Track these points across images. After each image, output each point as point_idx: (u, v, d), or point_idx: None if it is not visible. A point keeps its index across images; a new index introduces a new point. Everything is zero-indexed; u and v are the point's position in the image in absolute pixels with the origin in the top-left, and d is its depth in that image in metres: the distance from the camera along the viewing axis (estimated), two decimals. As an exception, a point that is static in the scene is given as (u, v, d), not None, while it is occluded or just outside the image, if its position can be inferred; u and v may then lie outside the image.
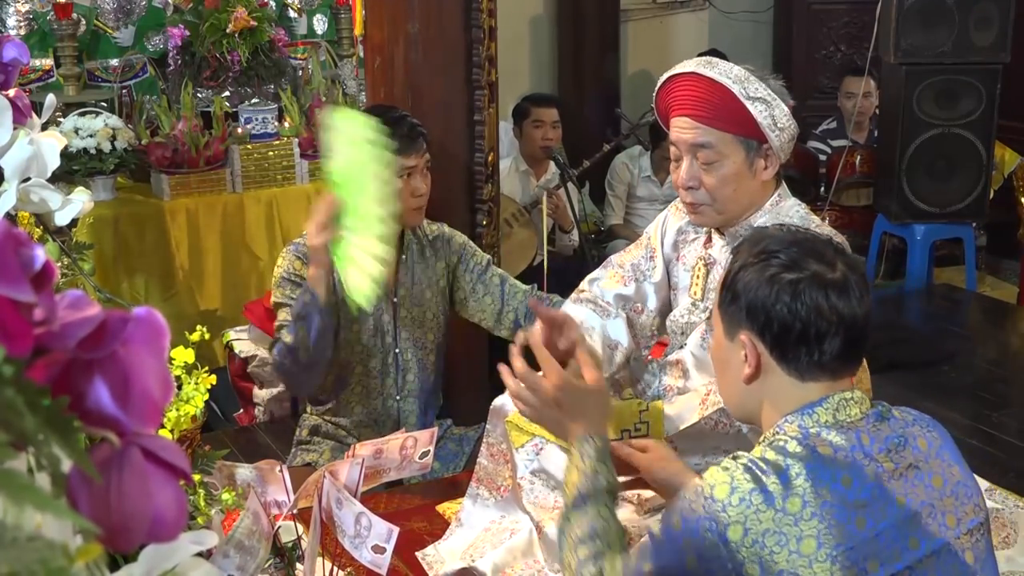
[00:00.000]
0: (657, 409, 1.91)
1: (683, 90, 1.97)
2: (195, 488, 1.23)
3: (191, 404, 1.36)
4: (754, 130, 1.93)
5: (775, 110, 1.92)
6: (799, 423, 1.37)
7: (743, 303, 1.39)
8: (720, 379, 1.51)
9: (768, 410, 1.43)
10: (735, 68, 1.94)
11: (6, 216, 1.06)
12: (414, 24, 2.98)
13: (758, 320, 1.38)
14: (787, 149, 1.98)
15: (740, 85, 1.91)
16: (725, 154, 1.95)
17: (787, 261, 1.37)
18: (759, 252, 1.40)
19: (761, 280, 1.37)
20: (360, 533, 1.49)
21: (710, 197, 1.98)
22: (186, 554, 0.65)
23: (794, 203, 2.04)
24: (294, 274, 2.50)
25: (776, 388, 1.41)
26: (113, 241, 3.70)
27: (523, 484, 1.96)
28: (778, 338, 1.37)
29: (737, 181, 1.96)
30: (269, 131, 4.09)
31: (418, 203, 2.55)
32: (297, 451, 2.67)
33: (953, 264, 4.94)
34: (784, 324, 1.36)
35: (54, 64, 4.16)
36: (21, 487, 0.47)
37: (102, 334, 0.53)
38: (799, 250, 1.38)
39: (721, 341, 1.46)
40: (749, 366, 1.40)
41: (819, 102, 5.89)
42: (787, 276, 1.36)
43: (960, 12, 4.26)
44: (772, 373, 1.40)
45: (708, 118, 1.94)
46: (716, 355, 1.51)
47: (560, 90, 5.70)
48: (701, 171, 1.97)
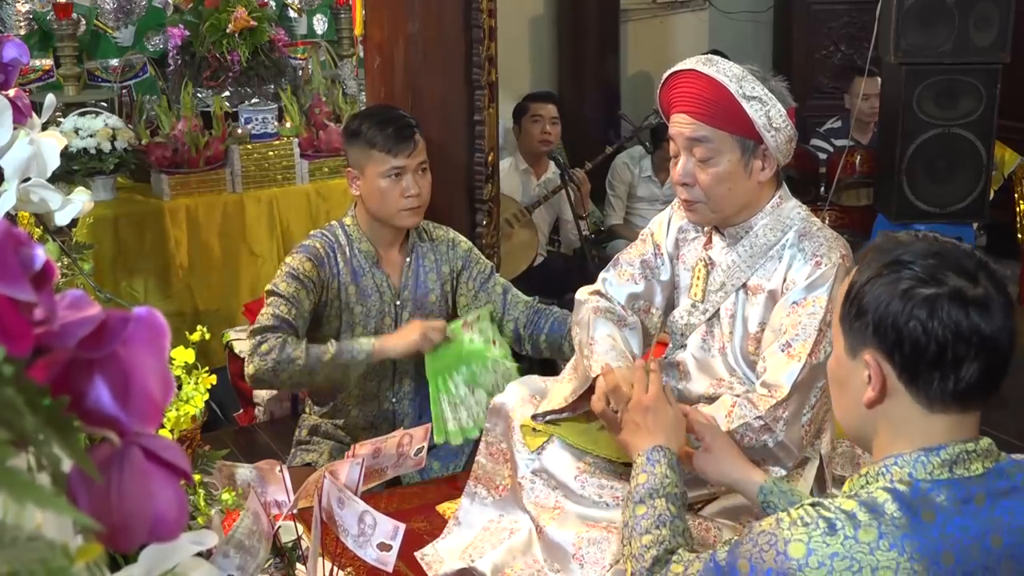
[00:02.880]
0: None
1: (683, 87, 1.97)
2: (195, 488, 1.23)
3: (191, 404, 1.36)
4: (750, 129, 1.93)
5: (771, 110, 1.92)
6: (910, 470, 1.22)
7: (870, 319, 1.24)
8: (836, 398, 1.37)
9: (883, 438, 1.28)
10: (734, 67, 1.94)
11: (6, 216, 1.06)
12: (414, 24, 2.98)
13: (887, 339, 1.22)
14: (785, 151, 1.98)
15: (737, 83, 1.91)
16: (721, 151, 1.95)
17: (923, 274, 1.22)
18: (891, 263, 1.25)
19: (893, 294, 1.22)
20: (364, 532, 1.49)
21: (704, 195, 1.99)
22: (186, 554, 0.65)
23: (795, 205, 2.03)
24: (303, 273, 2.49)
25: (898, 416, 1.25)
26: (113, 241, 3.69)
27: (524, 483, 1.96)
28: (909, 360, 1.22)
29: (732, 180, 1.97)
30: (269, 131, 4.09)
31: (409, 204, 2.54)
32: (297, 451, 2.67)
33: (953, 264, 4.93)
34: (917, 345, 1.20)
35: (54, 64, 4.16)
36: (22, 485, 0.47)
37: (102, 334, 0.53)
38: (937, 262, 1.23)
39: (841, 358, 1.31)
40: (873, 389, 1.25)
41: (819, 102, 5.88)
42: (923, 291, 1.20)
43: (960, 12, 4.25)
44: (897, 399, 1.24)
45: (705, 115, 1.94)
46: (834, 373, 1.35)
47: (560, 90, 5.70)
48: (697, 168, 1.97)
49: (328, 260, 2.55)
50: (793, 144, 2.00)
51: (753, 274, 2.02)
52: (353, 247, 2.60)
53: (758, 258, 2.01)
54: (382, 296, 2.60)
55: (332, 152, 4.09)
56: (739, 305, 2.04)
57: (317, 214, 4.05)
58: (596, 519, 1.87)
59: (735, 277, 2.03)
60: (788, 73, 6.13)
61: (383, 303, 2.60)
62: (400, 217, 2.55)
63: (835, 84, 5.81)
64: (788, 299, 1.94)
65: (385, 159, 2.51)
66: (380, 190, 2.52)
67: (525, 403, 2.05)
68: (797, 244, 1.98)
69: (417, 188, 2.54)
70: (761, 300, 2.00)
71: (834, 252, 1.95)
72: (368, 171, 2.53)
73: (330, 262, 2.56)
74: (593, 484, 1.91)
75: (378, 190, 2.52)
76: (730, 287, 2.04)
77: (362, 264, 2.59)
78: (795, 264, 1.96)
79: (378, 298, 2.60)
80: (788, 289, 1.96)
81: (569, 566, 1.83)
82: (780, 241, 2.00)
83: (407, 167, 2.52)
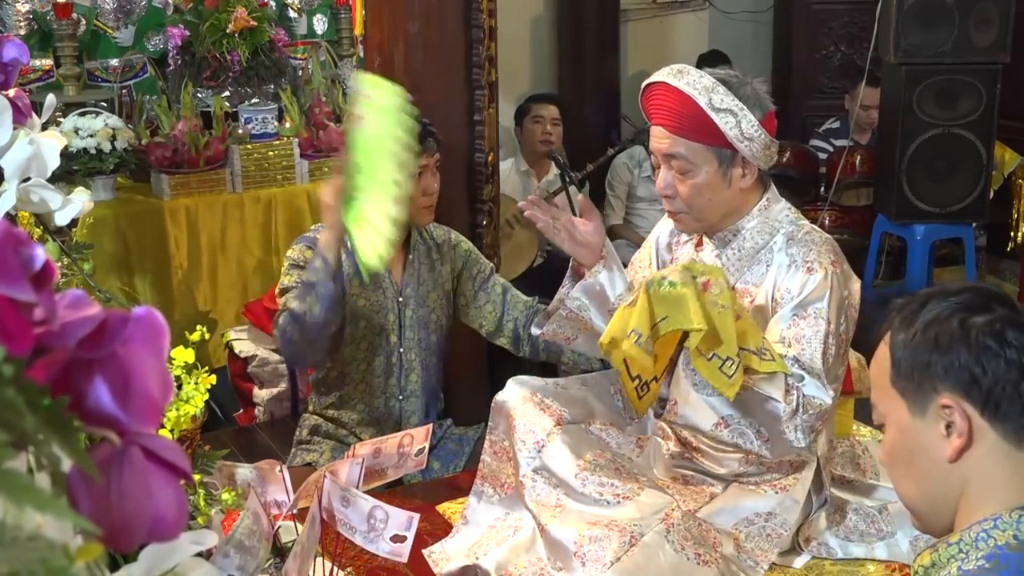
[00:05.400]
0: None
1: (656, 99, 1.98)
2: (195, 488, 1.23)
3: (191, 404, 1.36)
4: (723, 141, 1.93)
5: (742, 121, 1.91)
6: (1015, 532, 1.11)
7: (936, 363, 1.16)
8: (906, 473, 1.23)
9: (971, 495, 1.17)
10: (704, 78, 1.94)
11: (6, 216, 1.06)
12: (414, 24, 2.98)
13: (960, 377, 1.15)
14: (764, 157, 1.97)
15: (706, 96, 1.91)
16: (697, 164, 1.96)
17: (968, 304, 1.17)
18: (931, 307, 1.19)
19: (950, 331, 1.16)
20: (375, 527, 1.50)
21: (686, 205, 2.00)
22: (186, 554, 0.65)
23: (784, 207, 2.03)
24: (304, 261, 2.49)
25: (986, 461, 1.16)
26: (113, 241, 3.70)
27: (525, 482, 1.97)
28: (991, 392, 1.14)
29: (712, 191, 1.97)
30: (269, 131, 4.09)
31: (428, 202, 2.56)
32: (297, 451, 2.67)
33: (953, 264, 4.94)
34: (995, 375, 1.13)
35: (54, 64, 4.16)
36: (21, 487, 0.47)
37: (102, 334, 0.53)
38: (972, 294, 1.19)
39: (906, 425, 1.20)
40: (960, 435, 1.15)
41: (819, 102, 5.89)
42: (978, 319, 1.16)
43: (960, 12, 4.25)
44: (983, 439, 1.15)
45: (678, 128, 1.95)
46: (900, 444, 1.22)
47: (560, 90, 5.70)
48: (676, 180, 1.98)
49: None
50: (772, 149, 1.99)
51: (741, 277, 2.02)
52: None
53: (746, 261, 2.02)
54: (384, 292, 2.61)
55: (332, 152, 4.09)
56: None
57: (317, 214, 4.05)
58: (597, 517, 1.87)
59: None
60: (788, 73, 6.19)
61: (385, 299, 2.61)
62: (419, 215, 2.56)
63: (835, 84, 5.81)
64: (787, 310, 1.93)
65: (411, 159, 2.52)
66: None
67: (526, 402, 2.05)
68: (786, 249, 1.97)
69: (434, 187, 2.57)
70: (751, 307, 1.99)
71: (824, 257, 1.94)
72: None
73: None
74: (593, 482, 1.91)
75: None
76: None
77: (364, 260, 2.60)
78: (785, 271, 1.96)
79: (381, 294, 2.60)
80: (782, 298, 1.95)
81: (571, 564, 1.83)
82: (768, 244, 2.00)
83: (428, 166, 2.54)
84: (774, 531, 1.97)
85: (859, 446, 2.26)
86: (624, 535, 1.81)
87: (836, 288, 1.93)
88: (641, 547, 1.80)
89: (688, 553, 1.83)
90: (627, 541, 1.80)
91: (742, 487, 2.03)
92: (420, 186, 2.52)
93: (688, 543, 1.84)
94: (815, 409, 1.86)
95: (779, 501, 1.99)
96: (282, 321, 2.41)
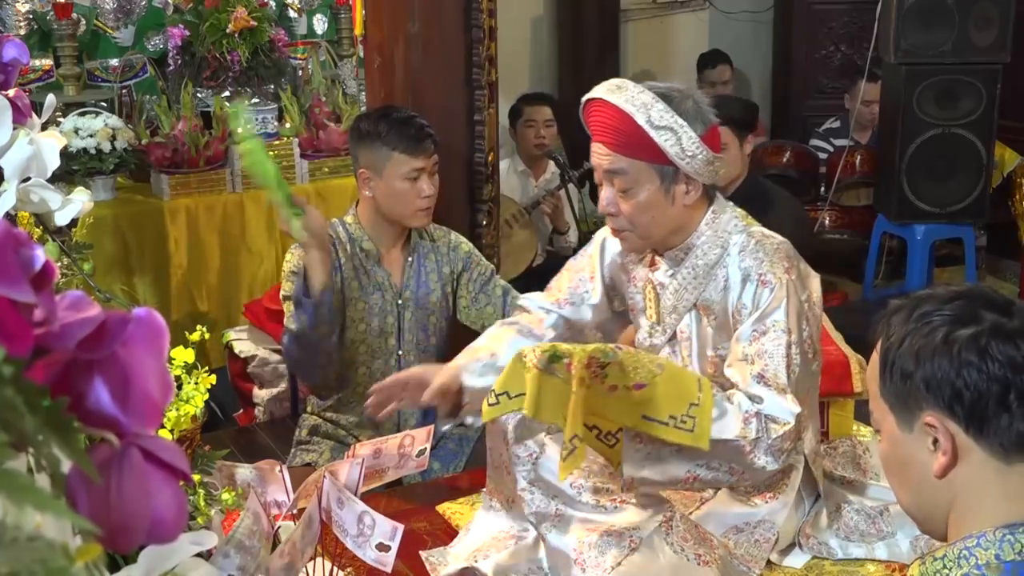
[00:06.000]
0: (708, 405, 1.81)
1: (595, 115, 1.93)
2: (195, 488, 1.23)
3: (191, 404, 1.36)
4: (664, 158, 1.89)
5: (683, 138, 1.87)
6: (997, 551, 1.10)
7: (919, 379, 1.14)
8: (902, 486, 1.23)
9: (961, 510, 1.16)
10: (643, 93, 1.88)
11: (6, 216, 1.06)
12: (414, 24, 2.98)
13: (942, 394, 1.12)
14: (707, 172, 1.92)
15: (644, 113, 1.86)
16: (639, 181, 1.92)
17: (956, 316, 1.14)
18: (917, 317, 1.16)
19: (933, 345, 1.13)
20: (363, 532, 1.49)
21: (629, 223, 1.96)
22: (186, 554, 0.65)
23: (731, 216, 1.99)
24: (302, 268, 2.49)
25: (974, 477, 1.14)
26: (113, 241, 3.69)
27: (523, 496, 1.97)
28: (973, 409, 1.11)
29: (655, 208, 1.93)
30: (269, 131, 4.09)
31: (424, 204, 2.55)
32: (297, 451, 2.67)
33: (953, 264, 4.94)
34: (977, 391, 1.11)
35: (54, 64, 4.16)
36: (21, 487, 0.47)
37: (102, 334, 0.53)
38: (964, 302, 1.15)
39: (895, 437, 1.19)
40: (944, 453, 1.13)
41: (819, 102, 5.88)
42: (964, 332, 1.12)
43: (960, 12, 4.25)
44: (969, 457, 1.13)
45: (618, 145, 1.91)
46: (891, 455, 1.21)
47: (560, 90, 5.70)
48: (618, 198, 1.94)
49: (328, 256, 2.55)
50: (716, 164, 1.93)
51: (701, 293, 1.99)
52: (355, 245, 2.60)
53: (702, 279, 1.98)
54: (384, 294, 2.61)
55: (332, 152, 4.09)
56: (693, 326, 2.01)
57: (317, 214, 4.05)
58: (596, 522, 1.86)
59: (684, 299, 2.01)
60: (788, 73, 6.19)
61: (385, 301, 2.61)
62: (415, 217, 2.56)
63: (835, 84, 5.81)
64: (746, 327, 1.90)
65: (407, 161, 2.51)
66: (398, 191, 2.52)
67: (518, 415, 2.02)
68: (739, 262, 1.93)
69: (432, 189, 2.55)
70: (714, 324, 1.97)
71: (777, 267, 1.90)
72: (387, 172, 2.52)
73: (331, 257, 2.56)
74: (589, 488, 1.90)
75: (395, 191, 2.53)
76: (682, 308, 2.02)
77: (363, 262, 2.60)
78: (741, 286, 1.92)
79: (380, 296, 2.61)
80: (740, 312, 1.92)
81: (571, 571, 1.83)
82: (722, 259, 1.96)
83: (425, 168, 2.53)
84: (763, 536, 1.97)
85: (860, 446, 2.26)
86: (623, 540, 1.81)
87: (793, 295, 1.89)
88: (641, 550, 1.80)
89: (688, 554, 1.83)
90: (626, 546, 1.80)
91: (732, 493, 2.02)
92: (415, 189, 2.52)
93: (688, 544, 1.84)
94: (780, 429, 1.82)
95: (768, 509, 1.99)
96: (285, 341, 2.45)
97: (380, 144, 2.53)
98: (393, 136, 2.52)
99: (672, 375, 1.77)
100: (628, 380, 1.73)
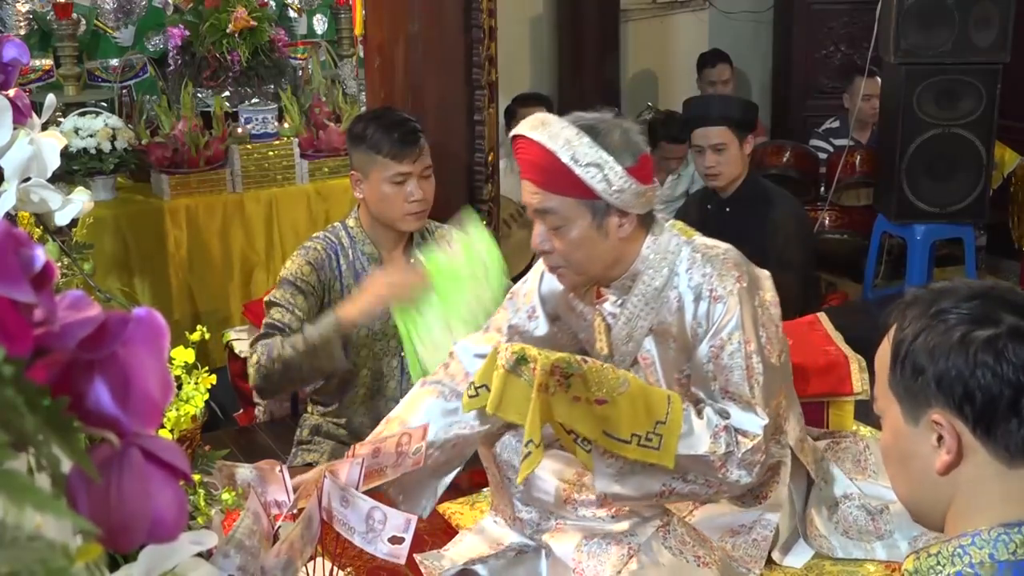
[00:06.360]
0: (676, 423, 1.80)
1: (521, 153, 1.88)
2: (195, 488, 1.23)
3: (191, 404, 1.36)
4: (592, 194, 1.83)
5: (609, 173, 1.80)
6: (991, 551, 1.10)
7: (931, 377, 1.13)
8: (901, 477, 1.23)
9: (959, 507, 1.16)
10: (566, 129, 1.82)
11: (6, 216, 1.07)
12: (414, 24, 2.99)
13: (954, 393, 1.12)
14: (639, 204, 1.86)
15: (568, 150, 1.80)
16: (570, 218, 1.85)
17: (975, 315, 1.13)
18: (935, 313, 1.15)
19: (950, 344, 1.12)
20: (374, 527, 1.50)
21: (564, 260, 1.91)
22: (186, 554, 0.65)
23: (671, 235, 1.93)
24: (300, 279, 2.48)
25: (976, 478, 1.14)
26: (113, 241, 3.70)
27: (522, 516, 1.97)
28: (983, 412, 1.11)
29: (588, 244, 1.88)
30: (269, 131, 4.09)
31: (412, 208, 2.52)
32: (297, 451, 2.67)
33: (953, 264, 4.94)
34: (989, 392, 1.10)
35: (54, 64, 4.16)
36: (21, 487, 0.47)
37: (102, 334, 0.53)
38: (982, 302, 1.14)
39: (899, 429, 1.18)
40: (948, 452, 1.13)
41: (819, 102, 5.88)
42: (981, 334, 1.11)
43: (960, 12, 4.25)
44: (973, 458, 1.13)
45: (545, 183, 1.84)
46: (893, 447, 1.22)
47: (560, 90, 5.70)
48: (551, 235, 1.89)
49: (329, 263, 2.55)
50: (648, 195, 1.87)
51: (655, 318, 1.94)
52: (356, 249, 2.59)
53: (654, 303, 1.93)
54: (385, 298, 2.60)
55: (332, 152, 4.09)
56: (655, 350, 1.97)
57: (317, 214, 4.05)
58: (594, 531, 1.86)
59: (639, 327, 1.96)
60: (788, 73, 6.19)
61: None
62: (404, 221, 2.54)
63: (835, 84, 5.81)
64: (704, 345, 1.87)
65: (390, 165, 2.50)
66: (384, 195, 2.51)
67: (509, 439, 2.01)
68: (688, 281, 1.89)
69: (421, 193, 2.52)
70: (674, 346, 1.93)
71: (727, 279, 1.86)
72: (372, 176, 2.52)
73: (331, 264, 2.55)
74: (584, 502, 1.89)
75: (382, 195, 2.52)
76: (638, 336, 1.97)
77: (365, 266, 2.59)
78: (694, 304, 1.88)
79: (381, 299, 2.60)
80: (697, 330, 1.88)
81: None
82: (670, 280, 1.91)
83: (412, 173, 2.51)
84: (760, 535, 1.97)
85: (861, 442, 2.26)
86: (621, 547, 1.81)
87: (746, 304, 1.86)
88: (639, 556, 1.80)
89: (687, 556, 1.83)
90: (625, 552, 1.80)
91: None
92: (402, 193, 2.50)
93: (686, 546, 1.84)
94: (750, 442, 1.81)
95: (762, 508, 1.99)
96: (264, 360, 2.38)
97: (366, 147, 2.53)
98: (378, 139, 2.50)
99: (637, 393, 1.77)
100: (590, 394, 1.73)
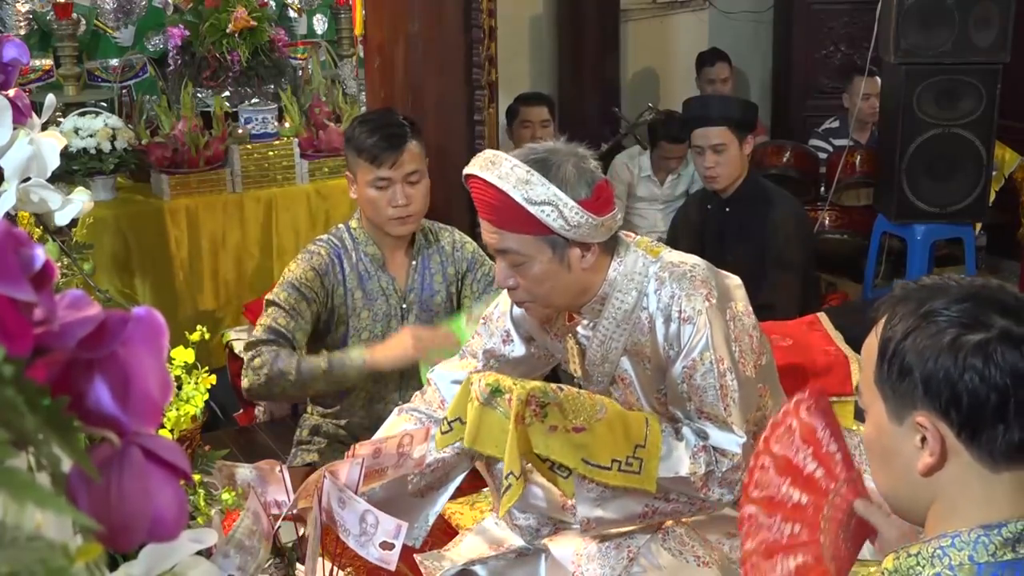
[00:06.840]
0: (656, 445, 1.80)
1: (475, 193, 1.86)
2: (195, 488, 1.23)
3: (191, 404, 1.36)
4: (549, 231, 1.80)
5: (564, 210, 1.77)
6: (971, 552, 1.09)
7: (918, 378, 1.11)
8: (882, 471, 1.21)
9: (940, 509, 1.15)
10: (517, 168, 1.79)
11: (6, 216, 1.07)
12: (414, 24, 2.99)
13: (940, 396, 1.10)
14: (598, 234, 1.82)
15: (521, 190, 1.77)
16: (530, 255, 1.83)
17: (966, 318, 1.11)
18: (925, 313, 1.13)
19: (939, 347, 1.10)
20: (366, 531, 1.49)
21: (529, 295, 1.89)
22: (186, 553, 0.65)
23: (637, 256, 1.91)
24: (303, 284, 2.48)
25: (959, 481, 1.13)
26: (113, 241, 3.70)
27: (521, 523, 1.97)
28: (969, 415, 1.10)
29: (551, 278, 1.85)
30: (269, 131, 4.09)
31: (396, 214, 2.50)
32: (297, 451, 2.67)
33: (953, 264, 4.94)
34: (976, 397, 1.09)
35: (54, 64, 4.16)
36: (22, 484, 0.47)
37: (102, 334, 0.53)
38: (974, 304, 1.12)
39: (883, 426, 1.17)
40: (932, 454, 1.12)
41: (819, 102, 5.88)
42: (971, 337, 1.09)
43: (960, 12, 4.25)
44: (956, 461, 1.12)
45: (502, 222, 1.82)
46: (876, 441, 1.20)
47: (560, 90, 5.70)
48: (514, 272, 1.86)
49: (332, 267, 2.54)
50: (608, 224, 1.83)
51: (628, 339, 1.92)
52: (359, 251, 2.59)
53: (625, 324, 1.90)
54: (388, 299, 2.60)
55: (332, 152, 4.09)
56: (631, 369, 1.95)
57: (317, 214, 4.05)
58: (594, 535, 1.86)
59: (613, 348, 1.94)
60: (788, 73, 6.19)
61: (389, 306, 2.60)
62: (390, 225, 2.53)
63: (835, 84, 5.81)
64: (678, 366, 1.85)
65: (370, 169, 2.48)
66: (370, 199, 2.51)
67: None
68: (657, 302, 1.86)
69: (405, 199, 2.49)
70: (650, 366, 1.92)
71: (695, 298, 1.84)
72: (359, 178, 2.52)
73: (334, 268, 2.55)
74: None
75: (368, 198, 2.51)
76: (613, 356, 1.95)
77: (368, 268, 2.58)
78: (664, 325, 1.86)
79: (384, 301, 2.59)
80: (669, 351, 1.86)
81: None
82: (639, 301, 1.89)
83: (393, 178, 2.48)
84: None
85: (856, 436, 2.26)
86: (621, 550, 1.81)
87: (716, 321, 1.84)
88: (639, 559, 1.80)
89: (687, 556, 1.83)
90: (624, 556, 1.80)
91: None
92: (386, 197, 2.49)
93: (686, 547, 1.84)
94: (729, 461, 1.81)
95: None
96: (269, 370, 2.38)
97: (351, 149, 2.53)
98: (360, 142, 2.49)
99: (614, 419, 1.77)
100: (567, 422, 1.74)
